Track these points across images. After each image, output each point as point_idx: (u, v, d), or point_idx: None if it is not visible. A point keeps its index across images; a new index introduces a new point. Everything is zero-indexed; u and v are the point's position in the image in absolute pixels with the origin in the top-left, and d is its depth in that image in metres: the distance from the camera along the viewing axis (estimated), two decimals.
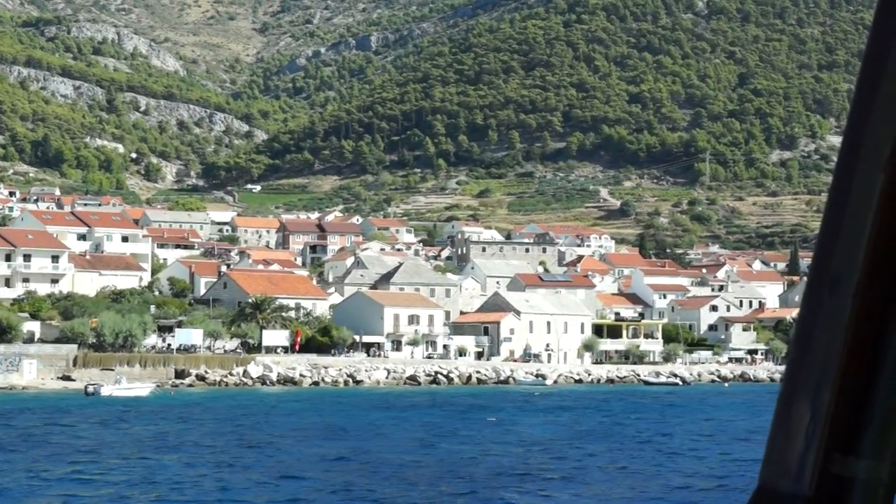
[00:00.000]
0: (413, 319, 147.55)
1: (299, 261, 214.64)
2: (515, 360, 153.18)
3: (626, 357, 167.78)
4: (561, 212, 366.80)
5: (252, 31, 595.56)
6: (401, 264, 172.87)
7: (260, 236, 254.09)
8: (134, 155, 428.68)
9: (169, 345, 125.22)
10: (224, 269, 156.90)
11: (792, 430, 2.29)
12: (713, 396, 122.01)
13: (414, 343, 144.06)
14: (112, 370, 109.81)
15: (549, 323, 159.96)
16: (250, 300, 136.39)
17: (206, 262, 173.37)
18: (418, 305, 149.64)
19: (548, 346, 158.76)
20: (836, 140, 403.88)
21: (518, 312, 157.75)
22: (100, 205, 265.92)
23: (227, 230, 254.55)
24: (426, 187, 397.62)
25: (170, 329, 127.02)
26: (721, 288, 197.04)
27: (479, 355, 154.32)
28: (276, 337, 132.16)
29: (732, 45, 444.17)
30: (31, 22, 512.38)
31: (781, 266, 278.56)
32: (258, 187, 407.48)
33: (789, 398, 2.32)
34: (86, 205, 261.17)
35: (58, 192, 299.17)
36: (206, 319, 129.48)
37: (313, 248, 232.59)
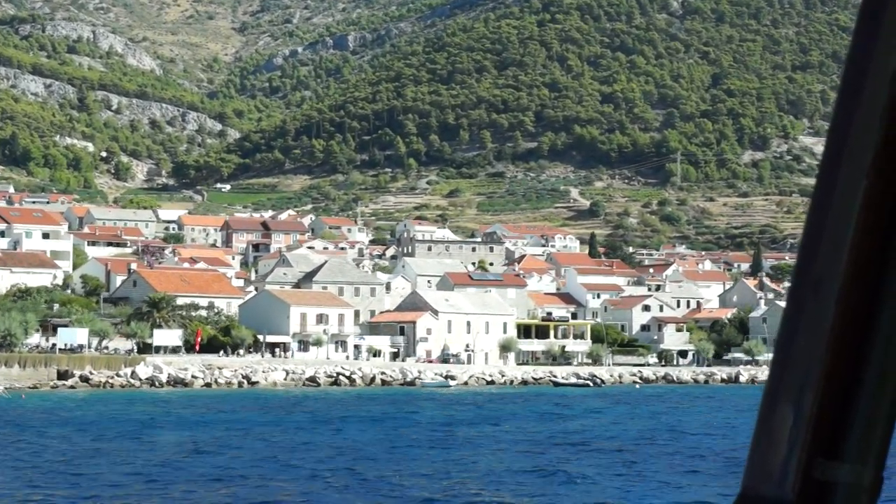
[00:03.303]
0: (322, 319, 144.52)
1: (237, 260, 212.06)
2: (431, 361, 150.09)
3: (554, 358, 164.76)
4: (530, 212, 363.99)
5: (231, 30, 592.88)
6: (326, 262, 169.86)
7: (207, 234, 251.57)
8: (104, 154, 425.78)
9: (54, 345, 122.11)
10: (134, 266, 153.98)
11: (775, 434, 2.28)
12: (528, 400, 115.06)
13: (318, 343, 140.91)
14: None
15: (469, 323, 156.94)
16: (147, 298, 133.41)
17: (123, 259, 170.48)
18: (328, 304, 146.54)
19: (468, 346, 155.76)
20: (809, 141, 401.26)
21: (436, 312, 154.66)
22: (48, 202, 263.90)
23: (173, 228, 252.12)
24: (396, 187, 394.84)
25: (55, 328, 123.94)
26: (658, 288, 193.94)
27: (395, 356, 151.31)
28: (168, 337, 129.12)
29: (706, 45, 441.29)
30: (5, 20, 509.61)
31: (745, 266, 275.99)
32: (227, 186, 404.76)
33: (772, 401, 2.30)
34: (34, 202, 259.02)
35: (11, 190, 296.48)
36: (94, 319, 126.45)
37: (256, 247, 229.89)
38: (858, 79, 2.25)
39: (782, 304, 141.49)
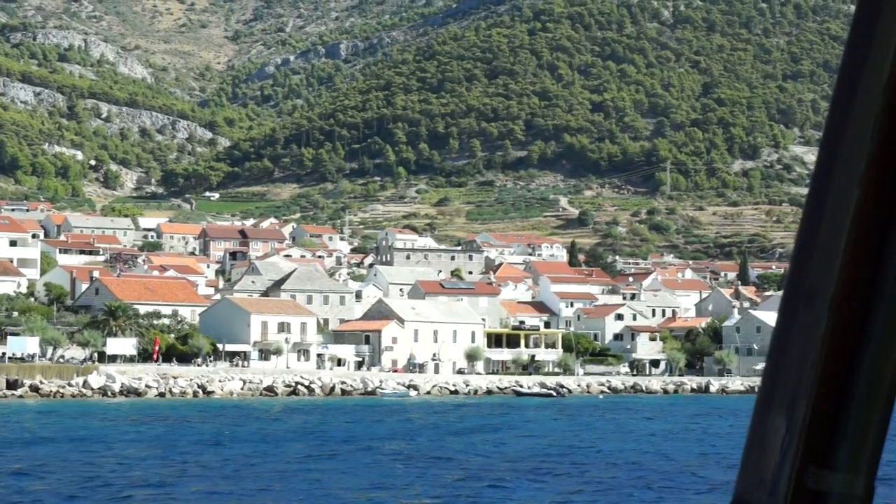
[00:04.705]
0: (283, 327, 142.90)
1: (213, 268, 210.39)
2: (397, 370, 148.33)
3: (524, 367, 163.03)
4: (519, 221, 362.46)
5: (224, 38, 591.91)
6: (294, 270, 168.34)
7: (187, 243, 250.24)
8: (93, 162, 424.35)
9: (3, 353, 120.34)
10: (96, 274, 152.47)
11: (767, 443, 2.29)
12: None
13: (277, 352, 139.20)
14: None
15: (436, 332, 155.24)
16: (103, 307, 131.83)
17: (89, 267, 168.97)
18: (290, 313, 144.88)
19: (434, 355, 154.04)
20: (799, 150, 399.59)
21: (402, 320, 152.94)
22: (27, 210, 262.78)
23: (152, 237, 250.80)
24: (385, 196, 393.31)
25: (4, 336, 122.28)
26: (633, 297, 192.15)
27: (360, 365, 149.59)
28: (122, 345, 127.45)
29: (697, 54, 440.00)
30: None
31: (732, 276, 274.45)
32: (216, 195, 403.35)
33: (765, 410, 2.31)
34: (13, 209, 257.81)
35: None
36: (46, 327, 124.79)
37: (234, 255, 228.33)
38: (852, 88, 2.25)
39: (756, 313, 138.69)
